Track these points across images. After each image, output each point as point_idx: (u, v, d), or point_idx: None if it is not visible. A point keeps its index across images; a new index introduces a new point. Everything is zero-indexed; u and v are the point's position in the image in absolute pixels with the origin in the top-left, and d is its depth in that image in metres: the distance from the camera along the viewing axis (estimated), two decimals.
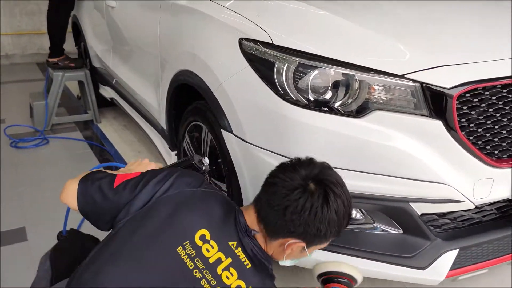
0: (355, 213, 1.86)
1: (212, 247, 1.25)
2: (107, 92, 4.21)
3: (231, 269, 1.24)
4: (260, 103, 1.83)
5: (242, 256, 1.27)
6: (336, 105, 1.72)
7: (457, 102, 1.64)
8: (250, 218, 1.36)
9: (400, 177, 1.68)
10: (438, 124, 1.65)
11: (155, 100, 2.88)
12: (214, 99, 2.05)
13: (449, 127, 1.65)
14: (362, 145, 1.68)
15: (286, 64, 1.76)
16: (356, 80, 1.69)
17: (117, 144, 3.91)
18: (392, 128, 1.67)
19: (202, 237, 1.26)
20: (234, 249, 1.27)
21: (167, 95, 2.59)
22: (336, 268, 1.71)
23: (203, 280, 1.22)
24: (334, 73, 1.72)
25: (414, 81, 1.65)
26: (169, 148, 2.81)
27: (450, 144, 1.67)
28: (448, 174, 1.69)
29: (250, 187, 1.94)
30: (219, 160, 2.22)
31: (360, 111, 1.69)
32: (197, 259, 1.23)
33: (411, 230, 1.78)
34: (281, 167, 1.40)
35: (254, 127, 1.87)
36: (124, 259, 1.23)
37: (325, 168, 1.38)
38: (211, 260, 1.24)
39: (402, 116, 1.67)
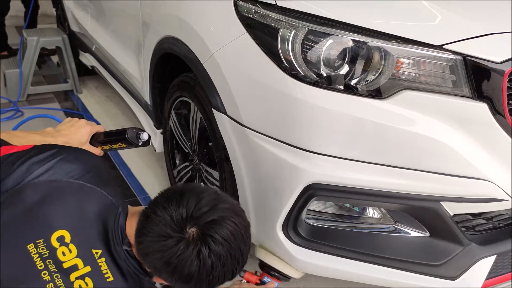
0: (371, 211, 1.57)
1: (70, 251, 1.10)
2: (87, 59, 3.83)
3: (87, 279, 1.09)
4: (260, 79, 1.49)
5: (104, 267, 1.11)
6: (354, 82, 1.40)
7: (508, 80, 1.31)
8: (132, 228, 1.16)
9: (432, 172, 1.38)
10: (481, 107, 1.34)
11: (137, 71, 2.53)
12: (203, 72, 1.71)
13: (496, 111, 1.33)
14: (387, 133, 1.36)
15: (293, 31, 1.41)
16: (380, 51, 1.36)
17: (99, 118, 3.57)
18: (423, 112, 1.36)
19: (60, 239, 1.10)
20: (97, 258, 1.12)
21: (150, 65, 2.24)
22: (271, 262, 1.62)
23: (50, 284, 1.07)
24: (353, 42, 1.38)
25: (454, 53, 1.32)
26: (154, 125, 2.47)
27: (495, 131, 1.36)
28: (491, 168, 1.39)
29: (247, 179, 1.63)
30: (210, 144, 1.90)
31: (385, 91, 1.36)
32: (49, 260, 1.09)
33: (441, 233, 1.49)
34: (165, 194, 1.16)
35: (252, 108, 1.54)
36: None
37: (223, 217, 1.11)
38: (65, 265, 1.09)
39: (436, 97, 1.35)
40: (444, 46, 1.32)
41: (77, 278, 1.09)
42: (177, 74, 2.06)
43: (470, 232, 1.52)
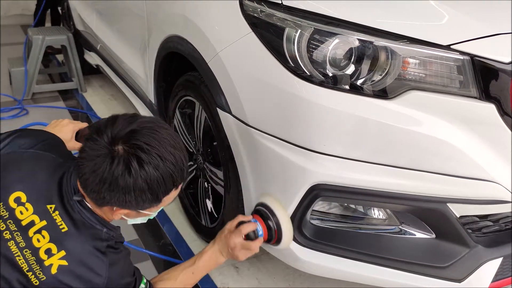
0: (376, 212, 1.56)
1: (27, 209, 1.22)
2: (92, 58, 3.83)
3: (43, 232, 1.20)
4: (266, 78, 1.49)
5: (58, 219, 1.22)
6: (360, 82, 1.38)
7: None
8: None
9: (438, 173, 1.36)
10: (489, 108, 1.32)
11: (142, 70, 2.53)
12: (208, 71, 1.70)
13: (503, 112, 1.32)
14: (393, 134, 1.35)
15: (299, 30, 1.40)
16: (387, 51, 1.34)
17: (103, 116, 3.52)
18: (430, 112, 1.34)
19: (17, 200, 1.22)
20: (51, 212, 1.22)
21: (155, 65, 2.24)
22: (277, 212, 1.51)
23: (11, 241, 1.19)
24: (359, 42, 1.37)
25: (462, 53, 1.30)
26: None
27: (502, 132, 1.34)
28: (498, 169, 1.37)
29: (251, 178, 1.63)
30: (214, 143, 1.89)
31: (391, 91, 1.35)
32: (9, 221, 1.21)
33: (447, 235, 1.47)
34: (91, 127, 1.27)
35: (257, 107, 1.53)
36: None
37: (142, 126, 1.18)
38: (23, 223, 1.21)
39: (443, 97, 1.34)
40: (451, 46, 1.31)
41: (35, 233, 1.19)
42: (182, 73, 2.06)
43: (476, 234, 1.50)
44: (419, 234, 1.50)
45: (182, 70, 2.07)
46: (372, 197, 1.42)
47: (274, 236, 1.52)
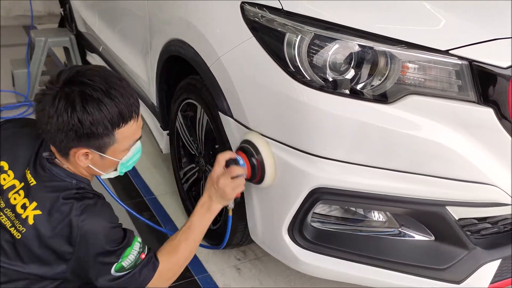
0: (376, 214, 1.57)
1: (9, 175, 1.36)
2: (94, 60, 3.84)
3: (20, 191, 1.33)
4: (266, 82, 1.51)
5: (29, 177, 1.34)
6: (359, 86, 1.40)
7: None
8: None
9: (437, 176, 1.38)
10: (487, 112, 1.34)
11: (144, 72, 2.54)
12: (210, 75, 1.72)
13: (501, 116, 1.34)
14: (392, 138, 1.37)
15: (299, 36, 1.42)
16: (386, 56, 1.36)
17: None
18: (429, 116, 1.36)
19: (0, 169, 1.37)
20: (27, 174, 1.35)
21: (157, 67, 2.25)
22: (261, 150, 1.50)
23: None
24: (359, 47, 1.38)
25: (460, 58, 1.32)
26: (161, 126, 2.49)
27: (500, 136, 1.36)
28: (496, 173, 1.39)
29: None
30: (216, 146, 1.91)
31: (391, 96, 1.37)
32: None
33: (446, 237, 1.49)
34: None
35: (258, 111, 1.55)
36: None
37: (86, 68, 1.30)
38: (5, 187, 1.35)
39: (442, 102, 1.35)
40: (450, 51, 1.33)
41: (13, 194, 1.33)
42: (184, 76, 2.08)
43: (475, 236, 1.52)
44: (419, 236, 1.52)
45: (184, 73, 2.09)
46: (372, 200, 1.44)
47: (257, 174, 1.52)
